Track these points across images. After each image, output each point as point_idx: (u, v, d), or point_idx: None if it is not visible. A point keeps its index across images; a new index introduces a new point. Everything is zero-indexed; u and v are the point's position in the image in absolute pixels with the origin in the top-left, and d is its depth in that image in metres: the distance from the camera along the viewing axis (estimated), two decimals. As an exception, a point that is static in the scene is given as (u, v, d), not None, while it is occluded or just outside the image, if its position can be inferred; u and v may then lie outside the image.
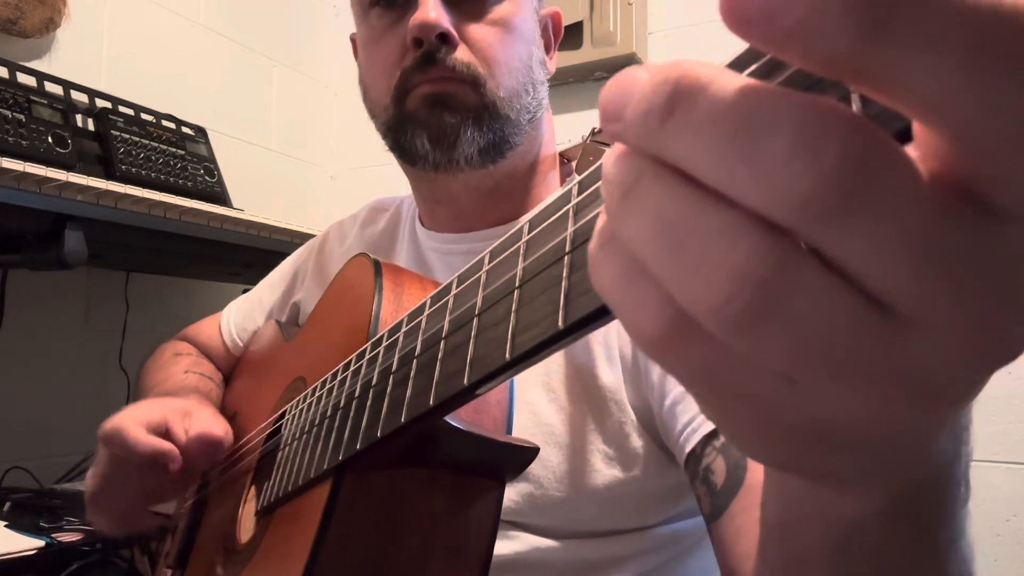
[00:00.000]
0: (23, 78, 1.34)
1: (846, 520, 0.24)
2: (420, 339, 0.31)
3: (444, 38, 0.64)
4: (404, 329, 0.34)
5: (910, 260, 0.14)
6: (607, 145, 0.87)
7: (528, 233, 0.25)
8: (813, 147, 0.14)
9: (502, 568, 0.60)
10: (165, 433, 0.61)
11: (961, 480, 0.25)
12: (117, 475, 0.62)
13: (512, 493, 0.61)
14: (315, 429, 0.46)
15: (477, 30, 0.66)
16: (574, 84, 1.93)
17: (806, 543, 0.27)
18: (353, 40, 0.78)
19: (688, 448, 0.56)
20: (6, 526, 1.10)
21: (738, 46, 0.17)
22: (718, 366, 0.17)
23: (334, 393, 0.44)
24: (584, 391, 0.62)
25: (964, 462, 0.24)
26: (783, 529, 0.28)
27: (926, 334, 0.15)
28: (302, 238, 1.49)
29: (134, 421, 0.60)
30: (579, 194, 0.23)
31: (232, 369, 0.91)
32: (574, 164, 0.75)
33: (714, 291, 0.15)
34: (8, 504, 1.19)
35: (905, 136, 0.15)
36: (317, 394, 0.48)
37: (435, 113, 0.65)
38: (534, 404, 0.63)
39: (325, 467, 0.42)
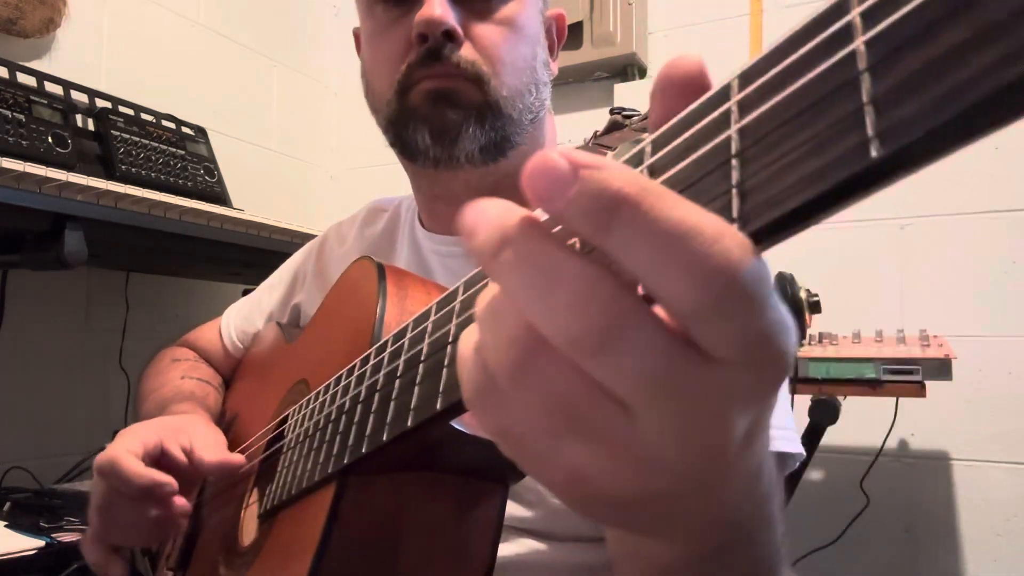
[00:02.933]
0: (23, 78, 1.34)
1: (658, 564, 0.29)
2: (426, 343, 0.31)
3: (449, 35, 0.63)
4: (410, 334, 0.34)
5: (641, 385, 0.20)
6: (610, 148, 0.87)
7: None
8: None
9: (502, 570, 0.60)
10: (161, 455, 0.60)
11: (766, 542, 0.30)
12: (117, 509, 0.59)
13: (512, 498, 0.61)
14: (319, 433, 0.46)
15: (482, 28, 0.65)
16: (574, 84, 1.93)
17: None
18: (356, 34, 0.78)
19: None
20: (6, 526, 1.10)
21: (736, 49, 0.17)
22: (571, 394, 0.21)
23: (339, 397, 0.44)
24: None
25: (765, 527, 0.29)
26: (614, 564, 0.33)
27: (645, 424, 0.21)
28: (302, 238, 1.49)
29: (128, 451, 0.58)
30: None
31: (233, 372, 0.91)
32: None
33: (576, 324, 0.20)
34: (8, 504, 1.19)
35: None
36: (321, 398, 0.48)
37: (438, 109, 0.65)
38: None
39: (329, 471, 0.42)
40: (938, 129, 0.15)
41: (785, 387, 0.62)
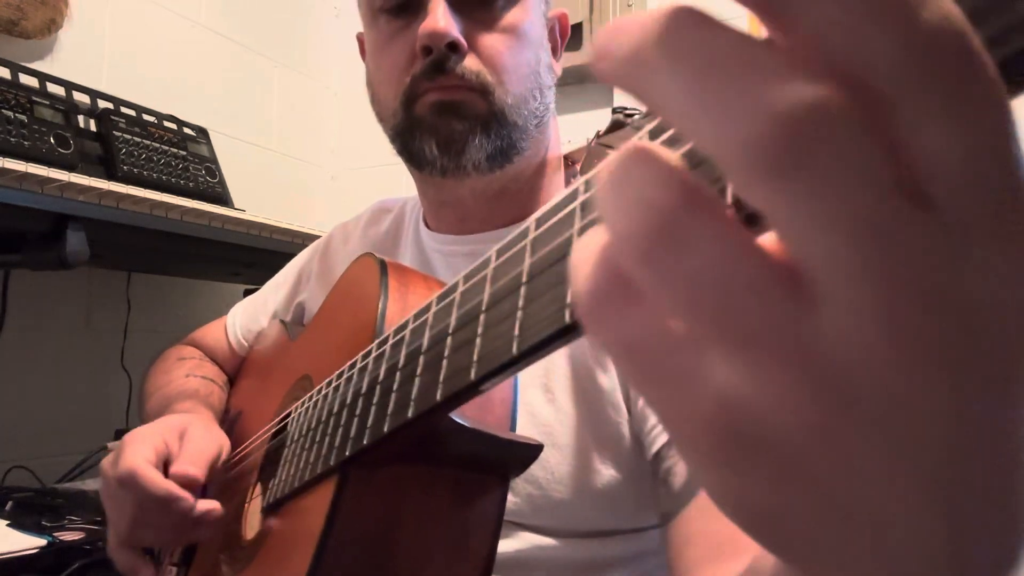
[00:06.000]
0: (25, 79, 1.34)
1: None
2: (427, 335, 0.32)
3: (453, 46, 0.63)
4: (411, 326, 0.34)
5: (839, 236, 0.13)
6: (612, 148, 0.87)
7: (535, 230, 0.25)
8: (774, 92, 0.14)
9: (502, 566, 0.60)
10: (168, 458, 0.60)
11: None
12: (145, 514, 0.59)
13: (512, 494, 0.61)
14: (322, 426, 0.46)
15: (486, 37, 0.65)
16: (574, 85, 1.93)
17: None
18: (360, 40, 0.78)
19: (654, 448, 0.58)
20: (8, 525, 1.10)
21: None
22: (641, 336, 0.16)
23: (341, 391, 0.44)
24: (582, 392, 0.63)
25: None
26: None
27: (834, 316, 0.14)
28: (303, 238, 1.50)
29: (145, 460, 0.58)
30: (585, 191, 0.24)
31: (238, 369, 0.91)
32: (578, 166, 0.75)
33: (625, 218, 0.15)
34: (10, 503, 1.19)
35: None
36: (323, 392, 0.49)
37: (444, 120, 0.65)
38: (532, 405, 0.63)
39: (331, 463, 0.42)
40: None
41: None
